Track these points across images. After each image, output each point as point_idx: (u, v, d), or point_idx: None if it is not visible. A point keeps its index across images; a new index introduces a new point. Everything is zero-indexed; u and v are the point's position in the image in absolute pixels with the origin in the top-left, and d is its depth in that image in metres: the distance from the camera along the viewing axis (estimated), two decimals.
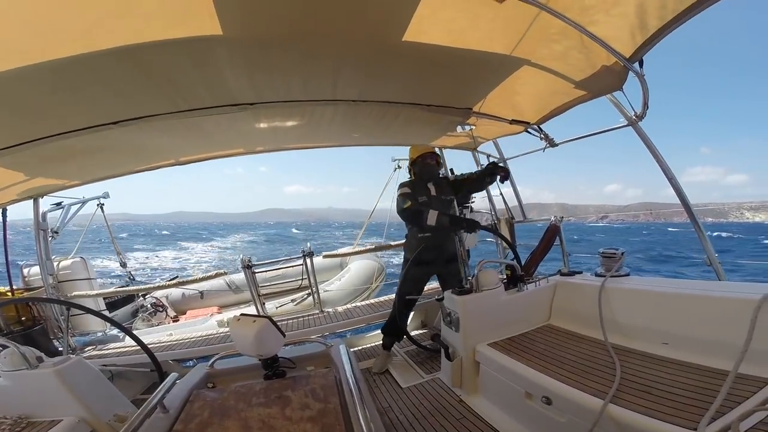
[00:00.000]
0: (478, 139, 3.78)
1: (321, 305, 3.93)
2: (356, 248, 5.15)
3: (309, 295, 4.25)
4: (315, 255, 3.99)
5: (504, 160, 3.91)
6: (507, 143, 3.83)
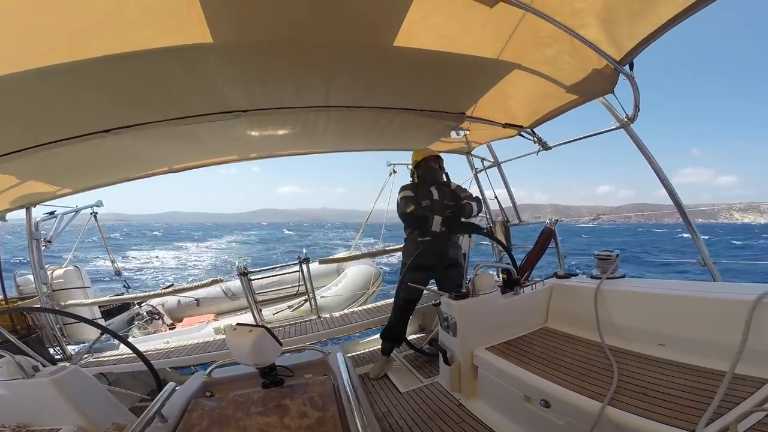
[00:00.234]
0: (472, 143, 3.80)
1: (318, 311, 3.91)
2: (352, 253, 5.14)
3: (306, 302, 4.22)
4: (311, 261, 3.97)
5: (498, 164, 3.93)
6: (501, 146, 3.86)
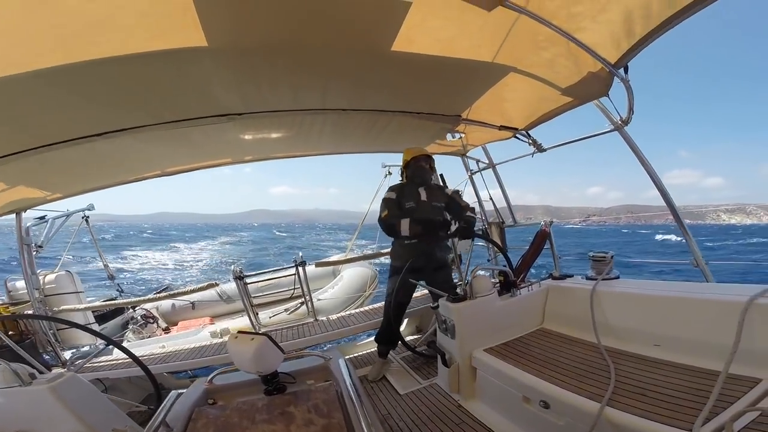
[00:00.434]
0: (468, 145, 3.82)
1: (315, 314, 3.89)
2: (348, 256, 5.13)
3: (302, 304, 4.20)
4: (307, 264, 3.95)
5: (493, 166, 3.95)
6: (495, 147, 3.88)
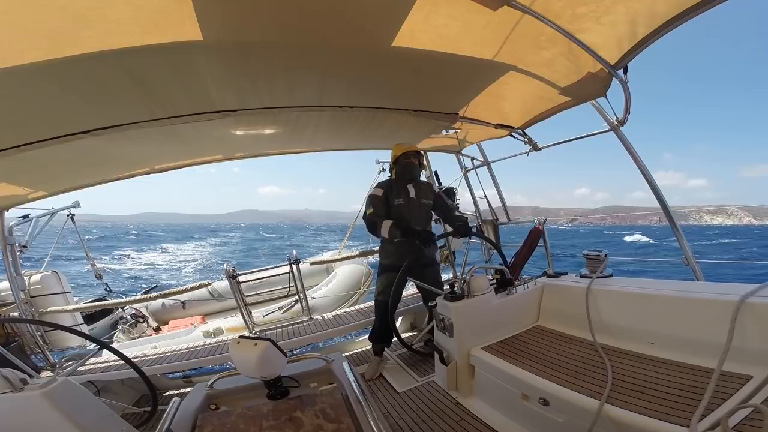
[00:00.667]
0: (463, 142, 3.81)
1: (310, 312, 3.86)
2: (342, 253, 5.09)
3: (296, 303, 4.16)
4: (302, 261, 3.90)
5: (488, 164, 3.95)
6: (490, 145, 3.90)
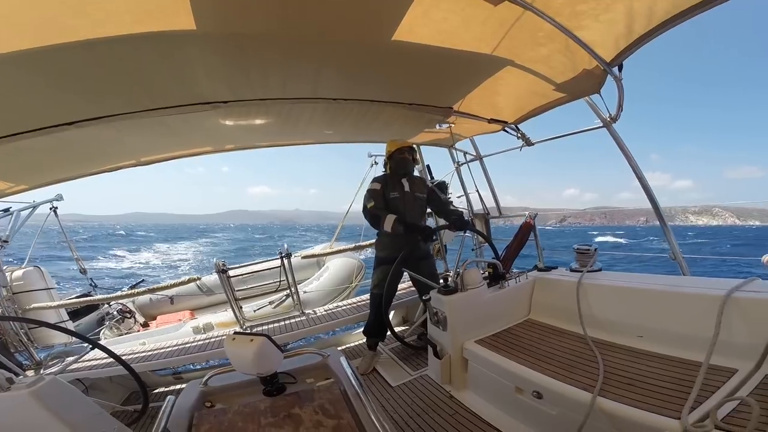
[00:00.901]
0: (456, 136, 3.80)
1: (301, 307, 3.84)
2: (333, 248, 5.06)
3: (288, 297, 4.13)
4: (293, 255, 3.86)
5: (480, 158, 3.96)
6: (483, 140, 3.72)
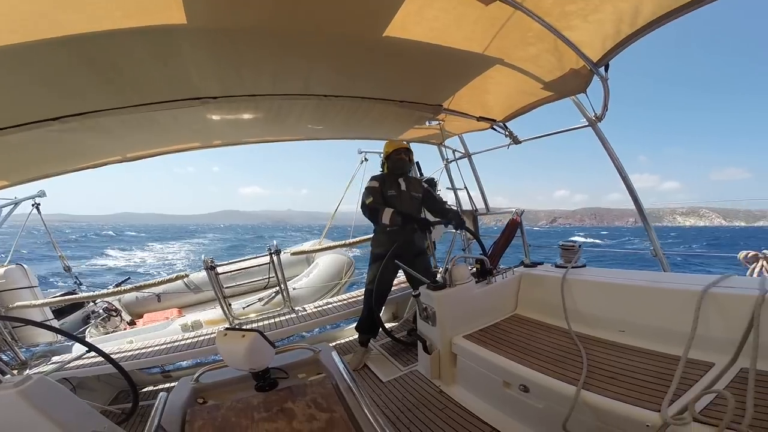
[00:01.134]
0: (445, 133, 3.83)
1: (291, 303, 3.83)
2: (322, 244, 5.04)
3: (277, 294, 4.11)
4: (282, 252, 3.84)
5: (469, 155, 4.00)
6: (472, 138, 3.76)
